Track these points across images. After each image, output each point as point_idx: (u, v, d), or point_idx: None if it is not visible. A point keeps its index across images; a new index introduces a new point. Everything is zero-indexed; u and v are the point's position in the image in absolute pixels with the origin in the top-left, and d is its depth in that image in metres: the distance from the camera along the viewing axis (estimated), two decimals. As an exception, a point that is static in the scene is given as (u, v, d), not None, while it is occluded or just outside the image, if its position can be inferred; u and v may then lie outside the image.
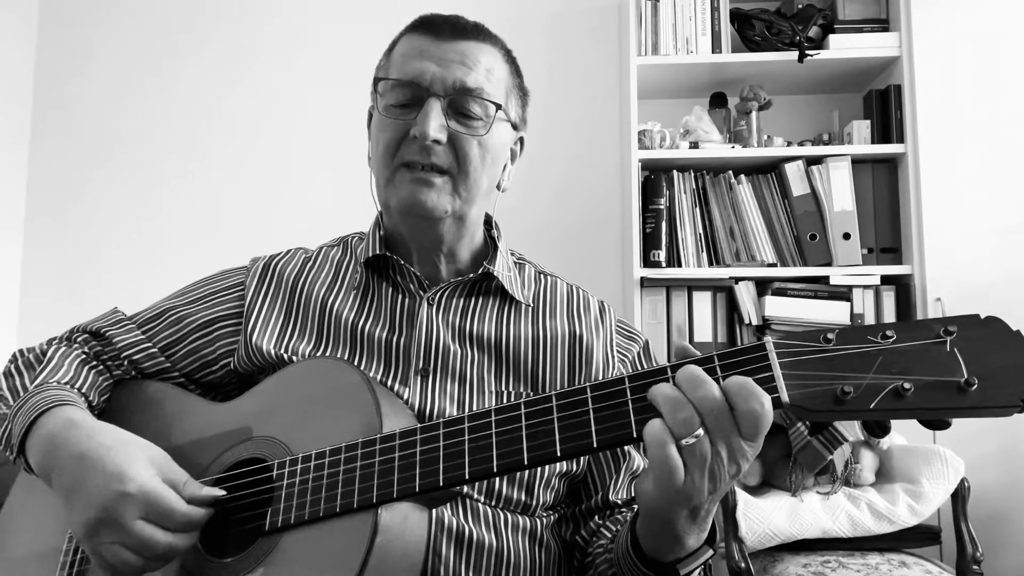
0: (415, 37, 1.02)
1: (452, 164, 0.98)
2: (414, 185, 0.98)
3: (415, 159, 0.97)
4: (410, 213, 1.00)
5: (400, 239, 1.07)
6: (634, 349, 1.09)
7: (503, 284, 1.05)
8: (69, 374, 1.00)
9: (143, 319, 1.09)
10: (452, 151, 0.98)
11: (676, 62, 2.48)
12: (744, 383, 0.67)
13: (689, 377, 0.68)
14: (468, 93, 0.98)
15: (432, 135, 0.95)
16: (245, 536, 0.84)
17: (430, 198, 0.98)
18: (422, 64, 0.98)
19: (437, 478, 0.76)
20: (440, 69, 0.97)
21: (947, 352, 0.62)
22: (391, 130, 0.99)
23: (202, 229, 2.84)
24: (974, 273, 2.51)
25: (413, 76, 0.98)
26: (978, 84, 2.61)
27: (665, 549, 0.78)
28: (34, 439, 0.91)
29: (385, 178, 1.01)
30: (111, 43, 2.97)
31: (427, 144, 0.96)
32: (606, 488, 1.01)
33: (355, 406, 0.85)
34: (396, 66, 1.01)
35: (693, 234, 2.43)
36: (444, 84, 0.97)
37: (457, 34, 1.00)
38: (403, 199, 0.99)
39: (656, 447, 0.68)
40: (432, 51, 0.99)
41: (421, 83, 0.97)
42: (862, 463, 2.02)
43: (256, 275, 1.09)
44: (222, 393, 1.10)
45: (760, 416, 0.66)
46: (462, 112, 0.99)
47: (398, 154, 0.99)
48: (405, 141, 0.98)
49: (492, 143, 1.00)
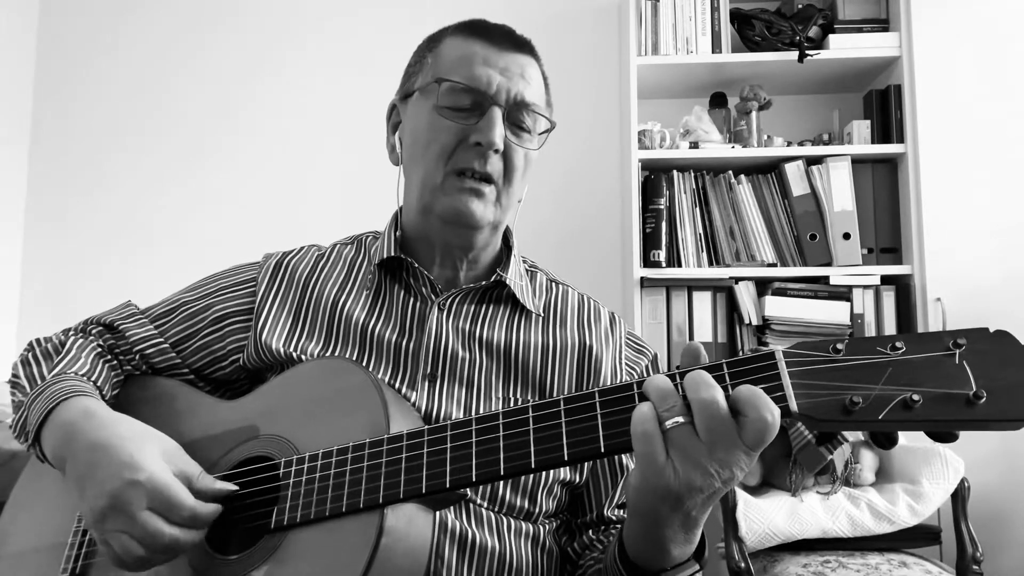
0: (471, 42, 1.01)
1: (500, 174, 0.99)
2: (466, 194, 0.98)
3: (471, 166, 0.98)
4: (456, 222, 1.00)
5: (423, 241, 1.06)
6: (643, 362, 1.09)
7: (515, 292, 1.05)
8: (86, 366, 1.01)
9: (156, 314, 1.09)
10: (502, 161, 0.99)
11: (676, 62, 2.48)
12: (756, 393, 0.66)
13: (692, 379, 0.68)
14: (526, 107, 1.00)
15: (498, 143, 0.96)
16: (250, 534, 0.85)
17: (479, 208, 0.98)
18: (487, 71, 0.98)
19: (444, 480, 0.76)
20: (504, 79, 0.98)
21: (956, 365, 0.62)
22: (448, 133, 0.98)
23: (202, 229, 2.84)
24: (974, 273, 2.52)
25: (479, 83, 0.98)
26: (978, 84, 2.61)
27: (648, 555, 0.78)
28: (50, 427, 0.91)
29: (436, 182, 1.00)
30: (111, 42, 2.97)
31: (488, 153, 0.97)
32: (602, 504, 1.02)
33: (363, 407, 0.85)
34: (454, 69, 1.00)
35: (693, 234, 2.43)
36: (508, 95, 0.98)
37: (516, 46, 1.02)
38: (452, 207, 0.99)
39: (637, 424, 0.68)
40: (495, 60, 0.99)
41: (487, 91, 0.98)
42: (862, 463, 2.03)
43: (268, 272, 1.09)
44: (231, 390, 1.10)
45: (768, 426, 0.65)
46: (517, 124, 1.00)
47: (452, 159, 0.98)
48: (462, 146, 0.98)
49: (534, 157, 1.03)
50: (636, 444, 0.69)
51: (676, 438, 0.67)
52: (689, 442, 0.67)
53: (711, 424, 0.66)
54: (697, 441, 0.67)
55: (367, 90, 1.46)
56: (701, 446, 0.67)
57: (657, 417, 0.68)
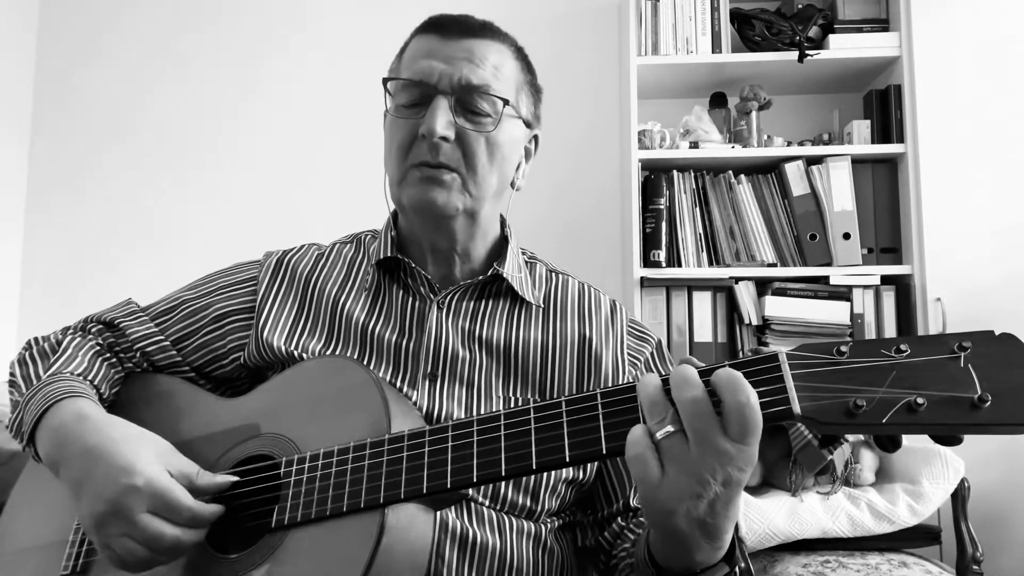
0: (424, 38, 1.02)
1: (460, 162, 0.98)
2: (424, 184, 0.98)
3: (425, 159, 0.97)
4: (422, 212, 1.00)
5: (414, 240, 1.07)
6: (647, 350, 1.08)
7: (512, 286, 1.05)
8: (83, 365, 1.00)
9: (156, 311, 1.09)
10: (460, 148, 0.98)
11: (676, 62, 2.48)
12: (731, 376, 0.66)
13: (677, 376, 0.68)
14: (475, 90, 0.98)
15: (439, 132, 0.95)
16: (251, 533, 0.85)
17: (440, 196, 0.98)
18: (429, 63, 0.98)
19: (445, 480, 0.76)
20: (447, 67, 0.98)
21: (961, 368, 0.62)
22: (402, 130, 1.00)
23: (203, 227, 2.83)
24: (974, 273, 2.52)
25: (420, 75, 0.98)
26: (978, 84, 2.61)
27: (675, 559, 0.77)
28: (44, 430, 0.91)
29: (398, 178, 1.01)
30: (112, 40, 2.96)
31: (435, 142, 0.96)
32: (627, 494, 1.01)
33: (364, 406, 0.85)
34: (405, 66, 1.02)
35: (693, 234, 2.43)
36: (451, 82, 0.98)
37: (465, 32, 1.01)
38: (414, 198, 0.99)
39: (630, 447, 0.68)
40: (440, 50, 0.99)
41: (428, 81, 0.98)
42: (862, 463, 2.02)
43: (269, 270, 1.09)
44: (232, 388, 1.10)
45: (745, 408, 0.64)
46: (470, 109, 0.99)
47: (410, 155, 0.99)
48: (416, 141, 0.98)
49: (500, 140, 1.00)
50: (631, 467, 0.68)
51: (668, 448, 0.67)
52: (681, 450, 0.67)
53: (695, 424, 0.66)
54: (687, 446, 0.66)
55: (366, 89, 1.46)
56: (690, 450, 0.66)
57: (648, 432, 0.68)
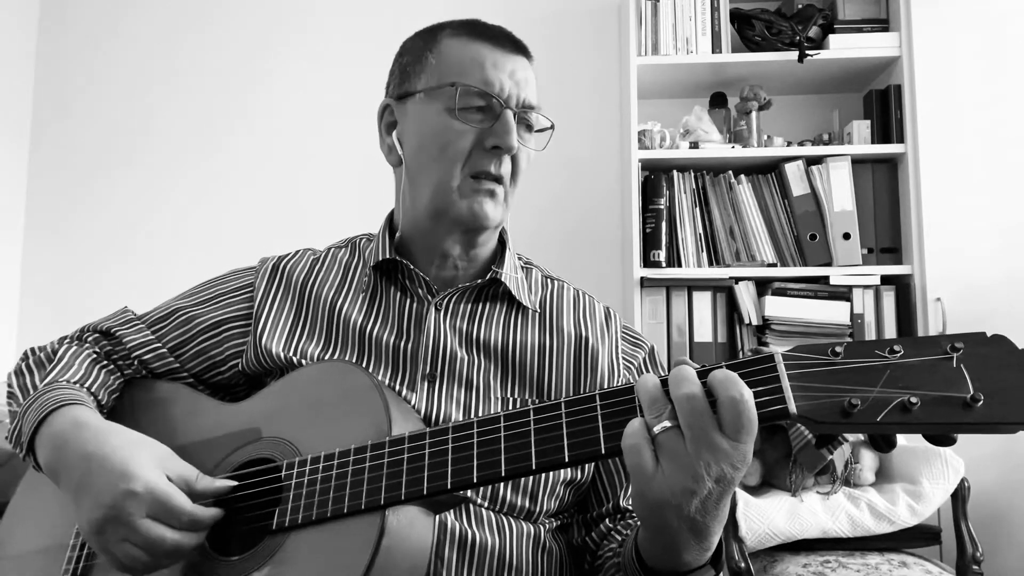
0: (476, 44, 1.01)
1: (508, 176, 1.01)
2: (482, 196, 0.99)
3: (487, 169, 0.99)
4: (471, 224, 1.00)
5: (421, 243, 1.06)
6: (640, 355, 1.09)
7: (510, 289, 1.05)
8: (80, 373, 1.01)
9: (152, 319, 1.09)
10: (511, 163, 1.01)
11: (676, 62, 2.48)
12: (726, 374, 0.67)
13: (675, 375, 0.69)
14: (531, 109, 1.02)
15: (516, 148, 0.99)
16: (251, 535, 0.85)
17: (493, 210, 1.00)
18: (499, 75, 0.99)
19: (445, 482, 0.76)
20: (512, 83, 1.00)
21: (954, 368, 0.62)
22: (465, 137, 0.99)
23: (203, 232, 2.84)
24: (974, 273, 2.52)
25: (492, 87, 0.99)
26: (978, 84, 2.61)
27: (663, 559, 0.77)
28: (43, 438, 0.91)
29: (453, 185, 0.99)
30: (111, 47, 2.97)
31: (503, 155, 0.99)
32: (617, 495, 1.01)
33: (364, 409, 0.85)
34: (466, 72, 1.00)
35: (693, 234, 2.44)
36: (517, 99, 1.00)
37: (517, 49, 1.03)
38: (469, 209, 0.99)
39: (626, 438, 0.69)
40: (503, 63, 1.01)
41: (500, 95, 0.99)
42: (862, 463, 2.03)
43: (265, 276, 1.09)
44: (231, 394, 1.10)
45: (739, 404, 0.65)
46: (527, 127, 1.03)
47: (469, 162, 0.99)
48: (477, 149, 0.99)
49: (534, 156, 1.05)
50: (626, 458, 0.69)
51: (665, 443, 0.68)
52: (677, 445, 0.67)
53: (691, 420, 0.67)
54: (682, 442, 0.67)
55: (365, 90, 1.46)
56: (685, 445, 0.67)
57: (646, 425, 0.68)
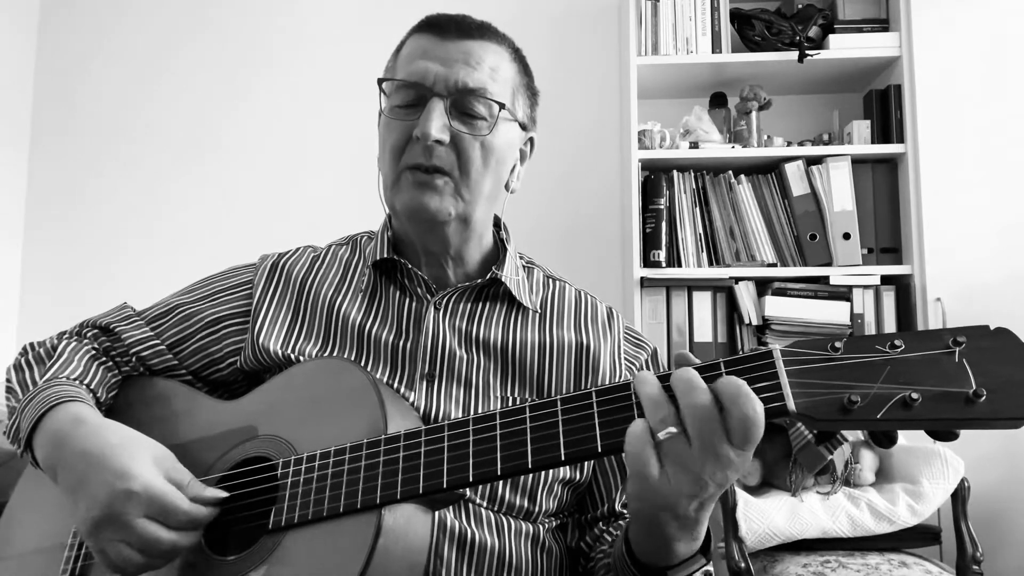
0: (421, 37, 1.01)
1: (454, 165, 0.97)
2: (417, 188, 0.97)
3: (419, 161, 0.96)
4: (414, 217, 0.99)
5: (408, 242, 1.06)
6: (642, 357, 1.09)
7: (511, 290, 1.04)
8: (79, 370, 1.00)
9: (151, 315, 1.09)
10: (454, 152, 0.97)
11: (676, 62, 2.48)
12: (738, 385, 0.65)
13: (682, 381, 0.68)
14: (471, 93, 0.97)
15: (434, 135, 0.94)
16: (248, 534, 0.84)
17: (433, 201, 0.97)
18: (425, 64, 0.97)
19: (441, 480, 0.76)
20: (443, 68, 0.96)
21: (956, 363, 0.62)
22: (396, 132, 0.98)
23: (203, 230, 2.84)
24: (974, 273, 2.52)
25: (416, 76, 0.97)
26: (978, 84, 2.61)
27: (655, 554, 0.77)
28: (41, 434, 0.91)
29: (391, 181, 1.00)
30: (112, 43, 2.97)
31: (429, 145, 0.95)
32: (612, 498, 1.01)
33: (361, 407, 0.85)
34: (401, 67, 1.01)
35: (693, 234, 2.43)
36: (447, 84, 0.96)
37: (462, 33, 0.99)
38: (407, 203, 0.98)
39: (630, 443, 0.68)
40: (436, 51, 0.98)
41: (424, 83, 0.96)
42: (862, 463, 2.02)
43: (264, 273, 1.09)
44: (229, 391, 1.09)
45: (752, 420, 0.64)
46: (465, 112, 0.97)
47: (403, 157, 0.98)
48: (409, 143, 0.97)
49: (496, 143, 0.99)
50: (629, 462, 0.68)
51: (670, 449, 0.67)
52: (683, 451, 0.67)
53: (701, 429, 0.66)
54: (689, 449, 0.66)
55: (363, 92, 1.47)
56: (693, 453, 0.66)
57: (650, 430, 0.68)
